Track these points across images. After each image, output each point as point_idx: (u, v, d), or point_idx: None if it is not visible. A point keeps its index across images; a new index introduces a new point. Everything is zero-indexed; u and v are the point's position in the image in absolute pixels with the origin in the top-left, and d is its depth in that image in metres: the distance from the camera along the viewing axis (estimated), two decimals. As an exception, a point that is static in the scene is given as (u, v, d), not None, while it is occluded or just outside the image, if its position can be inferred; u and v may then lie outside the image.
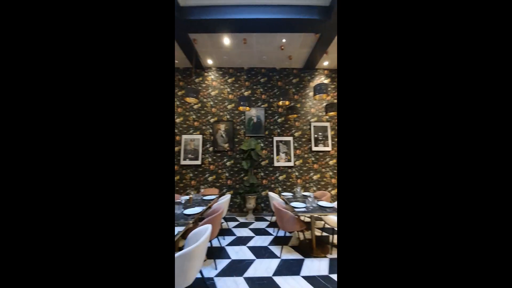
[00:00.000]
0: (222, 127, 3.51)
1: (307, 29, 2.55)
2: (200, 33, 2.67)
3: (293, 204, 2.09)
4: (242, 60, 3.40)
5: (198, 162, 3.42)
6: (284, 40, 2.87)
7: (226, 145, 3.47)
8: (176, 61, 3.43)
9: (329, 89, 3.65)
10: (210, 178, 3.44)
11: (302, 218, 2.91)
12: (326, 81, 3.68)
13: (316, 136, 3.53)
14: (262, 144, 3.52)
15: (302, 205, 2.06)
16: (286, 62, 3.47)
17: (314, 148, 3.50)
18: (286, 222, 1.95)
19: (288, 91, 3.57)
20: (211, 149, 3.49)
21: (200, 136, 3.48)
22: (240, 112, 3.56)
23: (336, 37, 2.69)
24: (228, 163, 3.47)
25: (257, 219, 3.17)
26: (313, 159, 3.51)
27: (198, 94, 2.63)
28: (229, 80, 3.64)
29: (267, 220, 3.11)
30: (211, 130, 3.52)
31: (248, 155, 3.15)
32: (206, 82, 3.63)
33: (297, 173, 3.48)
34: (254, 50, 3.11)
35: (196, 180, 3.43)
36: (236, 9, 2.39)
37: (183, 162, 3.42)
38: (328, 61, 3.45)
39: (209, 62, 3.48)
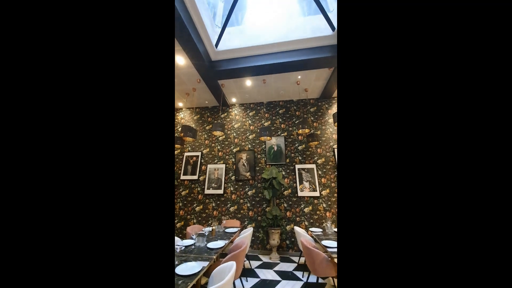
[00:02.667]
0: (243, 156, 3.65)
1: (320, 66, 2.81)
2: (227, 79, 3.19)
3: (325, 243, 1.83)
4: (262, 96, 3.80)
5: (221, 191, 3.46)
6: (299, 77, 3.17)
7: (248, 173, 3.51)
8: (206, 102, 4.03)
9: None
10: (231, 209, 3.38)
11: (336, 260, 2.44)
12: (345, 108, 3.68)
13: (341, 163, 3.32)
14: (283, 173, 3.45)
15: (336, 244, 1.78)
16: (303, 94, 3.71)
17: (341, 176, 3.24)
18: (319, 265, 1.68)
19: (307, 119, 3.67)
20: (233, 178, 3.56)
21: (223, 166, 3.65)
22: (261, 141, 3.72)
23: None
24: (249, 193, 3.42)
25: (283, 259, 2.79)
26: (341, 188, 3.20)
27: (224, 127, 2.94)
28: (250, 114, 4.00)
29: (294, 262, 2.70)
30: (233, 160, 3.68)
31: (270, 184, 3.08)
32: (230, 117, 4.06)
33: (324, 205, 3.16)
34: (272, 87, 3.48)
35: (218, 211, 3.40)
36: (257, 58, 2.86)
37: (207, 191, 3.51)
38: (344, 90, 3.55)
39: (233, 100, 3.98)
